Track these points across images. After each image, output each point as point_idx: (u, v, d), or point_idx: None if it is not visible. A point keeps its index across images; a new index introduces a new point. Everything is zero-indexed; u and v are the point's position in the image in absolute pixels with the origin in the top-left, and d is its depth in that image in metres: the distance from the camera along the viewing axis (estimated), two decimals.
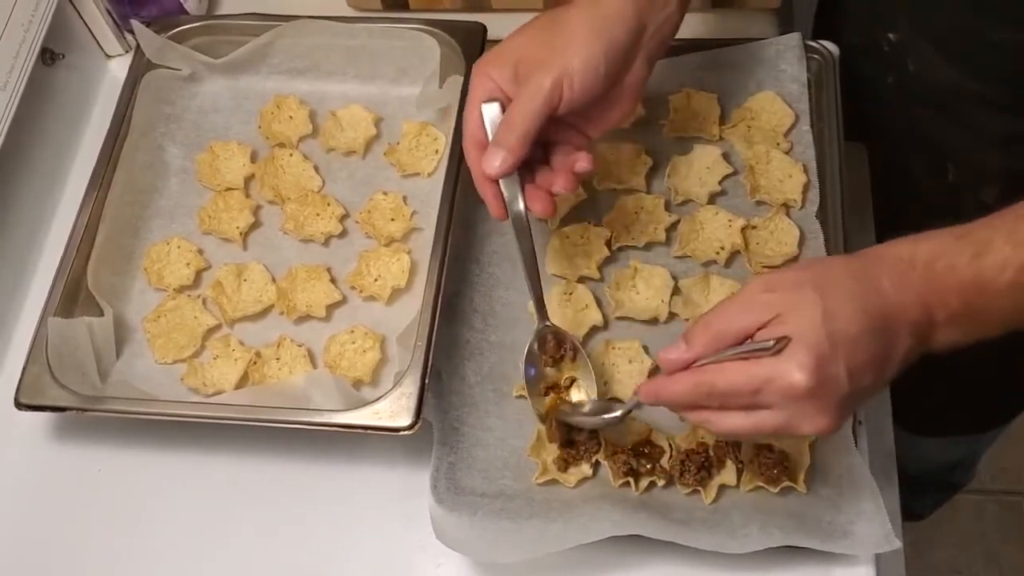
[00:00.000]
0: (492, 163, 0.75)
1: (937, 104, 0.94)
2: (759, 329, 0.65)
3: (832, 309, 0.64)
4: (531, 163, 0.78)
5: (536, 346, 0.82)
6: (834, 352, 0.63)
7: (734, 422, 0.67)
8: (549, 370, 0.82)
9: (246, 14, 1.02)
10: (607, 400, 0.84)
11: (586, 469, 0.80)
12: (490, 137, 0.76)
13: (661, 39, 0.79)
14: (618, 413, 0.78)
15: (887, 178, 1.01)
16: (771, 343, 0.63)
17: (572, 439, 0.81)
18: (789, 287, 0.66)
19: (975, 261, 0.64)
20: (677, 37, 0.91)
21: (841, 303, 0.64)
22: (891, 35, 0.94)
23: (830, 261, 0.69)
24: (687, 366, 0.68)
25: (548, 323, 0.82)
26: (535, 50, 0.75)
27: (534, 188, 0.79)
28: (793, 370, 0.63)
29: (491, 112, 0.76)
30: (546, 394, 0.82)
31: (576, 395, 0.82)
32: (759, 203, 0.91)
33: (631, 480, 0.79)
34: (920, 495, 1.59)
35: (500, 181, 0.77)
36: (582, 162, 0.78)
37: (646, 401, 0.71)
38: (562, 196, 0.92)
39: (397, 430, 0.79)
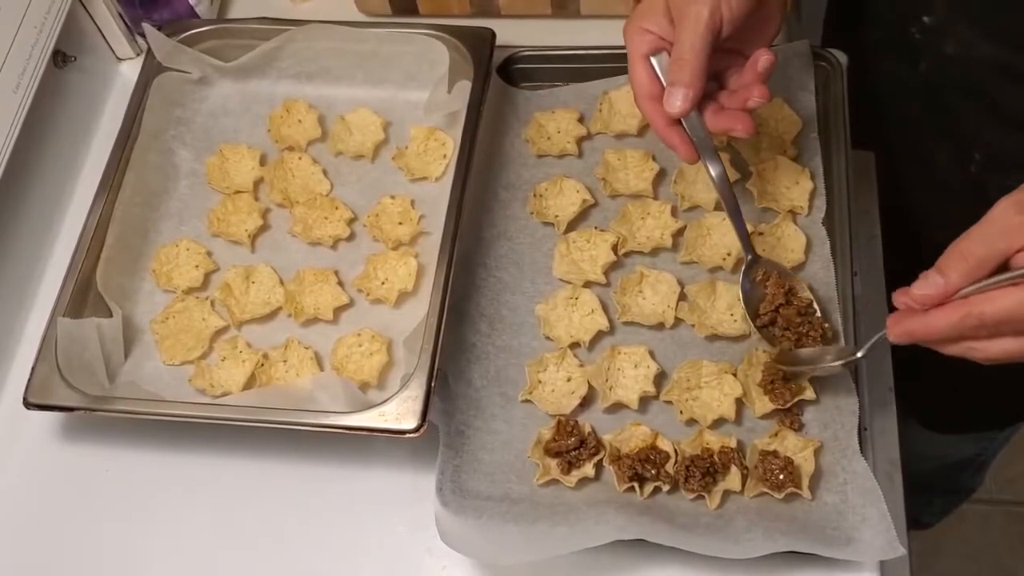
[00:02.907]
0: (674, 103, 0.75)
1: (971, 88, 0.93)
2: (1018, 251, 0.63)
3: None
4: (713, 96, 0.79)
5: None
6: None
7: (1006, 347, 0.66)
8: (765, 291, 0.83)
9: (256, 18, 1.02)
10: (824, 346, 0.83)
11: (588, 470, 0.80)
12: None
13: None
14: (859, 355, 0.77)
15: (903, 179, 1.01)
16: None
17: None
18: None
19: None
20: None
21: None
22: (926, 19, 0.93)
23: None
24: (945, 299, 0.66)
25: (755, 256, 0.83)
26: None
27: (728, 112, 0.78)
28: None
29: (662, 63, 0.77)
30: (772, 322, 0.83)
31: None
32: (766, 209, 0.92)
33: (636, 485, 0.79)
34: (927, 503, 1.59)
35: (684, 124, 0.77)
36: (756, 93, 0.77)
37: (900, 341, 0.70)
38: (569, 202, 0.93)
39: (403, 433, 0.79)
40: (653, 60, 0.78)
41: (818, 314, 0.83)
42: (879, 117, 1.04)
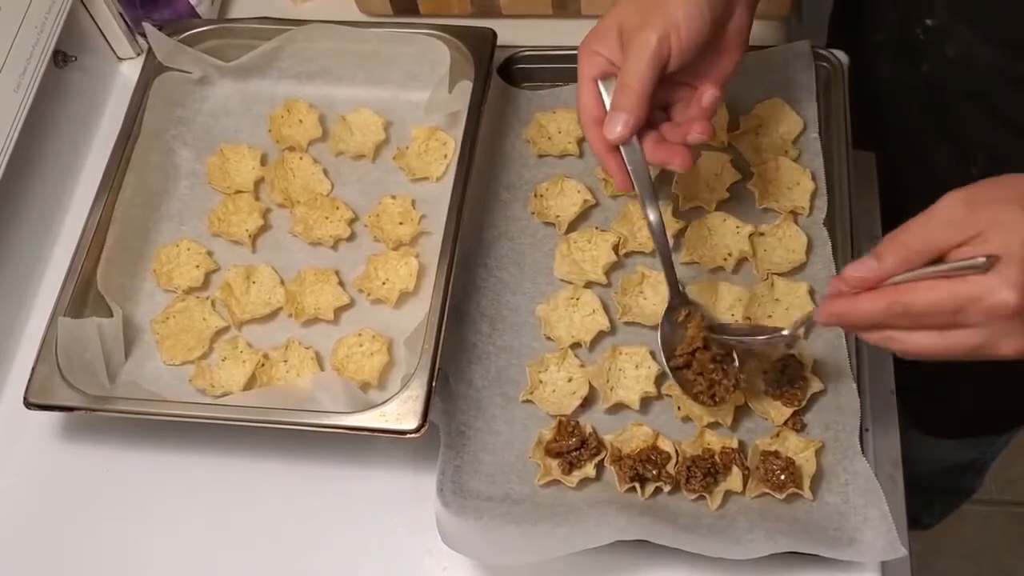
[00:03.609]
0: (613, 129, 0.75)
1: (972, 90, 0.93)
2: (957, 246, 0.63)
3: None
4: (657, 127, 0.79)
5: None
6: None
7: (924, 342, 0.65)
8: (684, 332, 0.81)
9: (257, 18, 1.02)
10: (753, 325, 0.82)
11: (589, 470, 0.80)
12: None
13: None
14: (785, 332, 0.76)
15: (904, 180, 1.01)
16: (982, 260, 0.61)
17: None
18: (992, 203, 0.63)
19: None
20: None
21: None
22: (928, 21, 0.93)
23: None
24: (875, 284, 0.66)
25: (682, 298, 0.81)
26: (633, 15, 0.75)
27: (668, 145, 0.78)
28: (1003, 288, 0.61)
29: (610, 87, 0.76)
30: (687, 365, 0.81)
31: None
32: (767, 210, 0.92)
33: (637, 485, 0.79)
34: (927, 503, 1.59)
35: (622, 151, 0.77)
36: (698, 129, 0.77)
37: (825, 322, 0.69)
38: (570, 202, 0.93)
39: (404, 433, 0.79)
40: (601, 84, 0.77)
41: (735, 363, 0.81)
42: (880, 118, 1.04)
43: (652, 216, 0.79)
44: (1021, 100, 0.90)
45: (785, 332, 0.76)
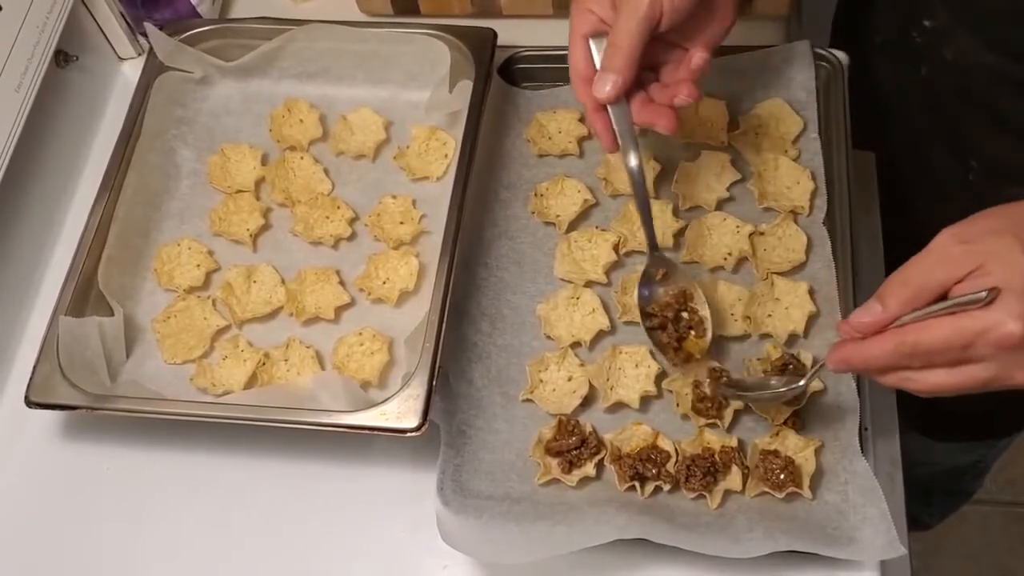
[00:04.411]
0: (602, 88, 0.76)
1: (971, 94, 0.93)
2: (957, 283, 0.63)
3: None
4: (645, 87, 0.79)
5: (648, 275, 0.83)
6: None
7: (938, 380, 0.65)
8: (661, 292, 0.82)
9: (258, 18, 1.02)
10: (762, 376, 0.82)
11: (589, 469, 0.80)
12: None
13: None
14: (801, 383, 0.76)
15: (903, 181, 1.01)
16: (983, 294, 0.61)
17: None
18: (986, 236, 0.64)
19: None
20: None
21: None
22: (927, 22, 0.93)
23: (1020, 206, 0.66)
24: (882, 328, 0.66)
25: (658, 253, 0.82)
26: None
27: (654, 106, 0.78)
28: (1007, 320, 0.61)
29: (601, 46, 0.77)
30: (661, 326, 0.82)
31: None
32: (767, 209, 0.92)
33: (637, 484, 0.79)
34: (927, 504, 1.59)
35: (610, 111, 0.77)
36: (684, 92, 0.77)
37: (838, 370, 0.70)
38: (570, 202, 0.93)
39: (404, 431, 0.79)
40: (592, 42, 0.78)
41: (702, 313, 0.82)
42: (880, 119, 1.04)
43: (633, 162, 0.79)
44: (1019, 104, 0.90)
45: (801, 383, 0.77)
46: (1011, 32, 0.86)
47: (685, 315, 0.82)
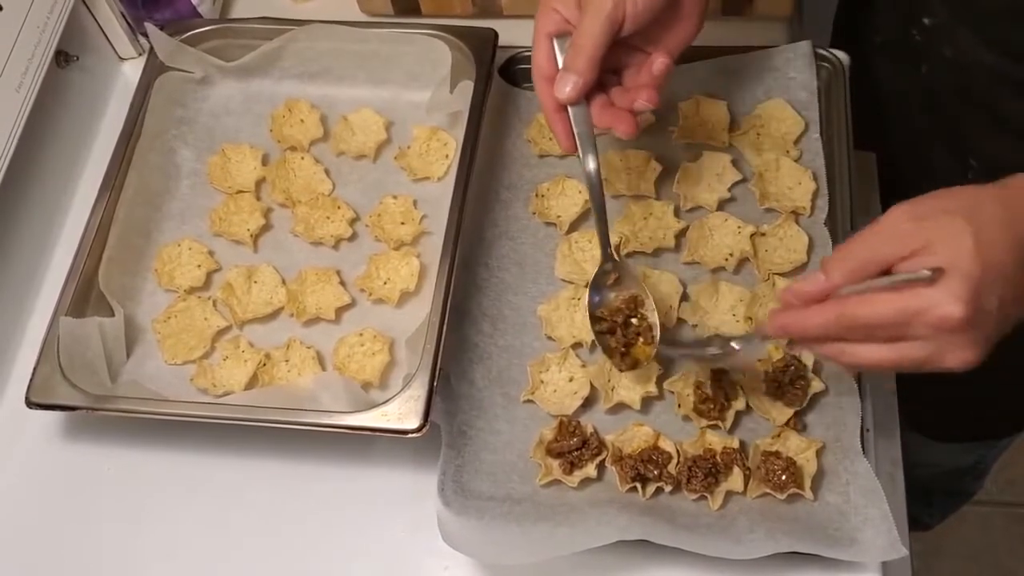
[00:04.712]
0: (563, 89, 0.75)
1: (970, 93, 0.93)
2: (903, 259, 0.63)
3: (985, 239, 0.62)
4: (607, 91, 0.79)
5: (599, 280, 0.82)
6: (989, 283, 0.62)
7: (875, 354, 0.65)
8: (612, 296, 0.82)
9: (259, 18, 1.02)
10: (707, 337, 0.82)
11: (590, 470, 0.80)
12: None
13: None
14: (737, 346, 0.76)
15: (903, 181, 1.01)
16: (927, 273, 0.61)
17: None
18: (937, 215, 0.64)
19: None
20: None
21: (994, 232, 0.62)
22: (926, 20, 0.93)
23: (978, 189, 0.66)
24: (824, 297, 0.66)
25: (613, 261, 0.82)
26: None
27: (614, 110, 0.78)
28: (948, 301, 0.61)
29: (564, 46, 0.77)
30: (610, 331, 0.82)
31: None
32: (768, 210, 0.92)
33: (638, 485, 0.79)
34: (927, 504, 1.59)
35: (569, 112, 0.77)
36: (644, 96, 0.77)
37: (776, 335, 0.70)
38: (571, 202, 0.93)
39: (405, 432, 0.79)
40: (556, 42, 0.77)
41: (651, 320, 0.81)
42: (881, 119, 1.04)
43: (591, 165, 0.78)
44: (1018, 104, 0.90)
45: (736, 347, 0.77)
46: (1011, 31, 0.86)
47: (634, 321, 0.82)
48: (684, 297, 0.88)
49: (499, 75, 0.99)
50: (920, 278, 0.62)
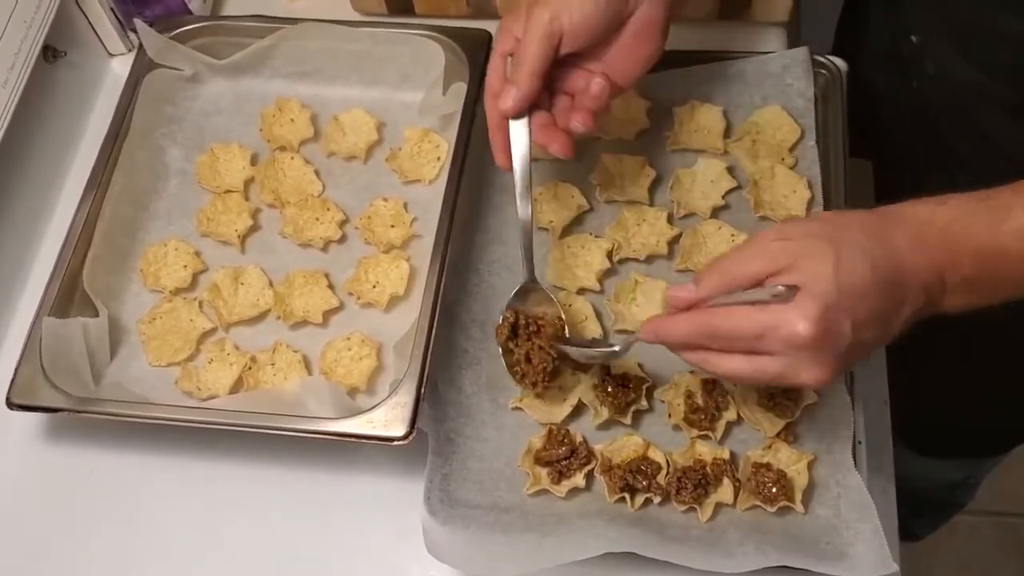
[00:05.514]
0: (504, 101, 0.77)
1: (955, 108, 0.93)
2: (770, 276, 0.66)
3: (843, 263, 0.64)
4: (547, 110, 0.81)
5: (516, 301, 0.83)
6: (840, 306, 0.64)
7: (734, 365, 0.67)
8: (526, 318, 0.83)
9: (250, 16, 1.01)
10: (596, 338, 0.84)
11: (578, 480, 0.79)
12: None
13: None
14: (616, 348, 0.77)
15: (897, 192, 1.00)
16: (782, 289, 0.64)
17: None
18: (803, 236, 0.67)
19: (994, 227, 0.65)
20: (684, 49, 0.90)
21: (853, 257, 0.64)
22: (913, 37, 0.94)
23: (846, 215, 0.70)
24: (693, 306, 0.68)
25: (534, 282, 0.83)
26: None
27: (551, 129, 0.80)
28: (798, 319, 0.63)
29: None
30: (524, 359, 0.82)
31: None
32: (763, 218, 0.91)
33: (627, 496, 0.78)
34: (917, 515, 1.58)
35: (510, 128, 0.79)
36: (578, 119, 0.79)
37: (646, 339, 0.72)
38: (563, 207, 0.92)
39: (391, 440, 0.78)
40: (509, 61, 0.79)
41: (553, 358, 0.81)
42: (876, 128, 1.03)
43: (521, 205, 0.80)
44: (998, 119, 0.90)
45: (616, 348, 0.78)
46: (985, 48, 0.86)
47: (527, 323, 0.82)
48: None
49: None
50: (777, 294, 0.64)
